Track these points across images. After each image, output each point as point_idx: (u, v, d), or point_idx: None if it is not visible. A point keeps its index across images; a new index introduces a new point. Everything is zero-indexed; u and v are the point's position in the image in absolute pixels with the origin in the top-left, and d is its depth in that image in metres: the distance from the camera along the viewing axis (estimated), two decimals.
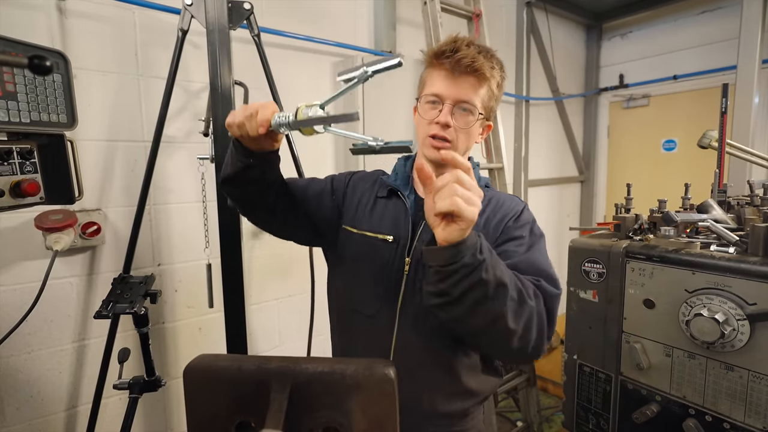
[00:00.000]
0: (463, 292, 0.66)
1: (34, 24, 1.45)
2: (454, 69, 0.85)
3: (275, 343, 2.17)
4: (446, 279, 0.66)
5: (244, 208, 0.97)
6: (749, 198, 1.37)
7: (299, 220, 0.99)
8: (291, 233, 1.04)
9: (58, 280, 1.56)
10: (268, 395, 0.61)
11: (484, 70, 0.85)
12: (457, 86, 0.86)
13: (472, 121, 0.88)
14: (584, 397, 1.26)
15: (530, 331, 0.73)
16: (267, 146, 0.81)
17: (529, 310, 0.73)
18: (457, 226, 0.64)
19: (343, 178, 1.07)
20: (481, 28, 2.42)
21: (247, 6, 1.49)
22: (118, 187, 1.66)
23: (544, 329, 0.76)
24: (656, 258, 1.07)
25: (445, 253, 0.65)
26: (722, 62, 3.10)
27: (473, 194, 0.63)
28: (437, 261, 0.66)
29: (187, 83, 1.78)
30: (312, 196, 1.01)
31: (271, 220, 0.98)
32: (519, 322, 0.71)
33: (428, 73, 0.92)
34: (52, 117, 0.91)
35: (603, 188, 4.04)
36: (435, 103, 0.88)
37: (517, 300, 0.71)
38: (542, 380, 3.02)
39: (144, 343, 1.30)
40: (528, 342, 0.74)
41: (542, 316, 0.76)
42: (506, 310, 0.69)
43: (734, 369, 0.96)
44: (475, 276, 0.65)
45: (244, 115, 0.75)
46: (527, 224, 0.90)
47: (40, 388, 1.57)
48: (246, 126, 0.75)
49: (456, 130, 0.87)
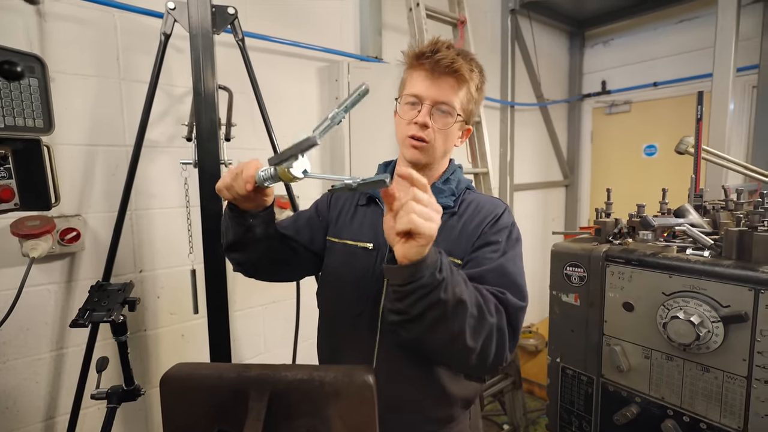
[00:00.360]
0: (422, 312, 0.66)
1: (12, 27, 1.42)
2: (434, 70, 0.86)
3: (260, 350, 2.15)
4: (404, 298, 0.66)
5: (252, 270, 0.99)
6: (724, 203, 1.41)
7: (301, 256, 1.01)
8: (301, 272, 1.07)
9: (36, 288, 1.52)
10: (247, 404, 0.60)
11: (463, 71, 0.85)
12: (436, 87, 0.86)
13: (451, 123, 0.88)
14: (567, 400, 1.27)
15: (489, 348, 0.73)
16: (260, 202, 0.82)
17: (488, 327, 0.72)
18: (416, 243, 0.63)
19: (325, 198, 1.10)
20: (466, 35, 2.45)
21: (231, 11, 1.49)
22: (98, 192, 1.63)
23: (504, 344, 0.75)
24: (635, 262, 1.09)
25: (404, 272, 0.65)
26: (700, 70, 3.19)
27: (431, 210, 0.63)
28: (395, 280, 0.66)
29: (170, 87, 1.76)
30: (302, 227, 1.04)
31: (279, 271, 1.01)
32: (478, 340, 0.71)
33: (408, 74, 0.92)
34: (27, 122, 0.90)
35: (587, 192, 4.11)
36: (414, 104, 0.89)
37: (477, 317, 0.70)
38: (528, 383, 3.04)
39: (122, 351, 1.28)
40: (486, 358, 0.74)
41: (503, 331, 0.75)
42: (465, 328, 0.68)
43: (710, 370, 0.98)
44: (434, 296, 0.65)
45: (231, 177, 0.77)
46: (505, 228, 0.89)
47: (15, 399, 1.52)
48: (234, 186, 0.77)
49: (434, 131, 0.88)
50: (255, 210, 0.84)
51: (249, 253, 0.92)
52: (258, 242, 0.89)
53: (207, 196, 1.43)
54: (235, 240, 0.88)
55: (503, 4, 3.23)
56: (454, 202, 0.93)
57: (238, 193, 0.77)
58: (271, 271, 1.00)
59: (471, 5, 2.62)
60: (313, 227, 1.05)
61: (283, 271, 1.03)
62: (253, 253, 0.92)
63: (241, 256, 0.93)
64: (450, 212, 0.92)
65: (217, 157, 1.44)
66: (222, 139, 1.57)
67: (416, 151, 0.90)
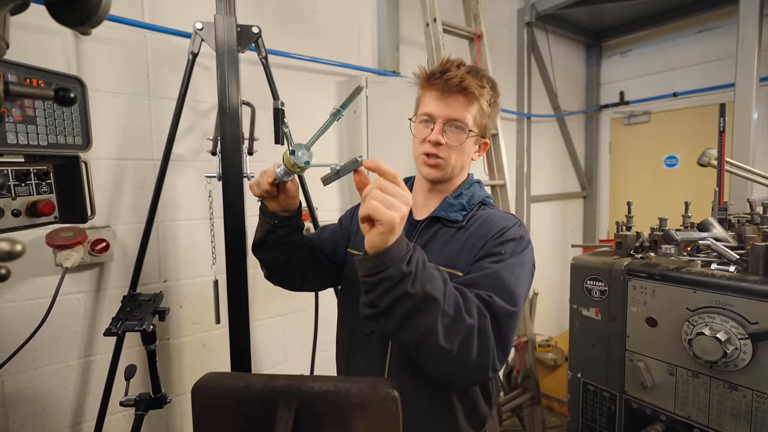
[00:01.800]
0: (390, 305, 0.66)
1: (51, 49, 1.50)
2: (444, 89, 0.89)
3: (279, 359, 2.17)
4: (372, 290, 0.67)
5: (279, 277, 1.05)
6: (750, 216, 1.38)
7: (325, 266, 1.07)
8: (325, 282, 1.12)
9: (66, 296, 1.58)
10: (275, 413, 0.62)
11: (472, 88, 0.88)
12: (447, 105, 0.89)
13: (463, 139, 0.91)
14: (589, 416, 1.25)
15: (469, 351, 0.70)
16: (285, 204, 0.91)
17: (466, 329, 0.70)
18: (377, 230, 0.64)
19: (349, 213, 1.16)
20: (483, 49, 2.47)
21: (255, 30, 1.55)
22: (127, 204, 1.70)
23: (488, 349, 0.72)
24: (657, 276, 1.08)
25: (368, 262, 0.66)
26: (721, 80, 3.14)
27: (397, 200, 0.64)
28: (362, 270, 0.67)
29: (196, 103, 1.83)
30: (326, 239, 1.09)
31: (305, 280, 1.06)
32: (453, 341, 0.68)
33: (421, 94, 0.96)
34: (68, 139, 0.95)
35: (606, 204, 4.05)
36: (427, 123, 0.92)
37: (452, 316, 0.69)
38: (547, 398, 2.98)
39: (151, 360, 1.31)
40: (467, 362, 0.71)
41: (486, 334, 0.72)
42: (437, 326, 0.67)
43: (738, 388, 0.96)
44: (400, 289, 0.65)
45: (260, 175, 0.88)
46: (511, 241, 0.86)
47: (45, 404, 1.57)
48: (261, 182, 0.87)
49: (448, 147, 0.90)
50: (281, 213, 0.93)
51: (273, 255, 0.98)
52: (282, 245, 0.96)
53: (230, 208, 1.47)
54: (261, 238, 0.96)
55: (519, 17, 3.25)
56: (464, 216, 0.94)
57: (263, 188, 0.87)
58: (297, 279, 1.05)
59: (487, 19, 2.65)
60: (336, 239, 1.09)
61: (309, 280, 1.07)
62: (277, 256, 0.98)
63: (265, 256, 1.00)
64: (458, 226, 0.93)
65: (240, 170, 1.49)
66: (245, 153, 1.62)
67: (432, 168, 0.93)
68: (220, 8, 1.47)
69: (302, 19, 2.14)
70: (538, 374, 2.71)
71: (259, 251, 1.00)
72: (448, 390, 0.90)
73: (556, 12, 3.14)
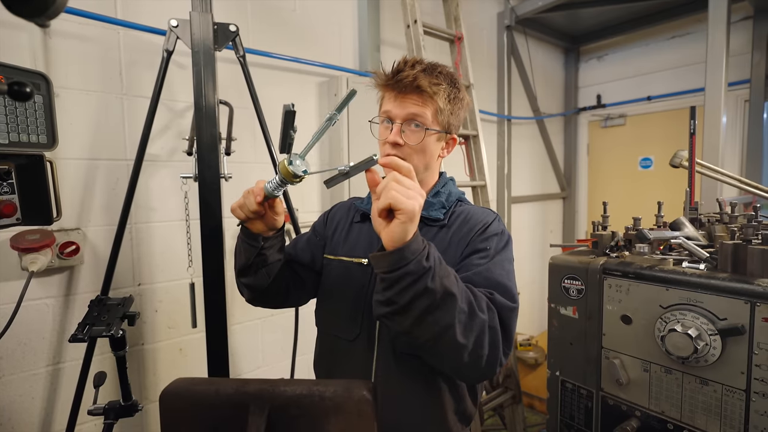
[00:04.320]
0: (410, 301, 0.65)
1: (17, 44, 1.44)
2: (399, 89, 0.89)
3: (258, 363, 2.13)
4: (392, 286, 0.66)
5: (262, 298, 1.00)
6: (719, 215, 1.42)
7: (305, 279, 1.03)
8: (308, 295, 1.07)
9: (34, 302, 1.52)
10: (247, 419, 0.60)
11: (425, 87, 0.87)
12: (403, 105, 0.89)
13: (422, 137, 0.90)
14: (567, 414, 1.27)
15: (482, 346, 0.71)
16: (271, 222, 0.87)
17: (480, 324, 0.71)
18: (398, 221, 0.64)
19: (322, 218, 1.12)
20: (463, 51, 2.49)
21: (232, 28, 1.52)
22: (98, 206, 1.64)
23: (498, 344, 0.74)
24: (632, 275, 1.10)
25: (389, 258, 0.65)
26: (693, 84, 3.25)
27: (414, 192, 0.66)
28: (382, 267, 0.66)
29: (172, 102, 1.78)
30: (302, 250, 1.06)
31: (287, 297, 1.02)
32: (469, 337, 0.69)
33: (380, 96, 0.97)
34: (31, 138, 0.91)
35: (584, 204, 4.14)
36: (387, 123, 0.92)
37: (467, 312, 0.69)
38: (528, 397, 3.02)
39: (121, 366, 1.27)
40: (480, 357, 0.72)
41: (495, 330, 0.74)
42: (455, 322, 0.67)
43: (709, 383, 0.98)
44: (421, 284, 0.65)
45: (243, 196, 0.83)
46: (494, 236, 0.88)
47: (10, 415, 1.50)
48: (246, 203, 0.82)
49: (409, 147, 0.89)
50: (266, 233, 0.89)
51: (260, 278, 0.93)
52: (269, 267, 0.92)
53: (207, 209, 1.44)
54: (246, 263, 0.91)
55: (499, 20, 3.29)
56: (444, 214, 0.94)
57: (249, 209, 0.82)
58: (279, 297, 1.01)
59: (468, 22, 2.67)
60: (312, 247, 1.06)
61: (291, 297, 1.03)
62: (263, 279, 0.93)
63: (251, 281, 0.94)
64: (440, 225, 0.93)
65: (217, 170, 1.46)
66: (222, 153, 1.59)
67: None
68: (195, 5, 1.44)
69: (282, 18, 2.12)
70: (518, 373, 2.74)
71: (243, 276, 0.95)
72: (437, 391, 0.89)
73: (535, 16, 3.19)
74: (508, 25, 3.24)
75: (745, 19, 2.93)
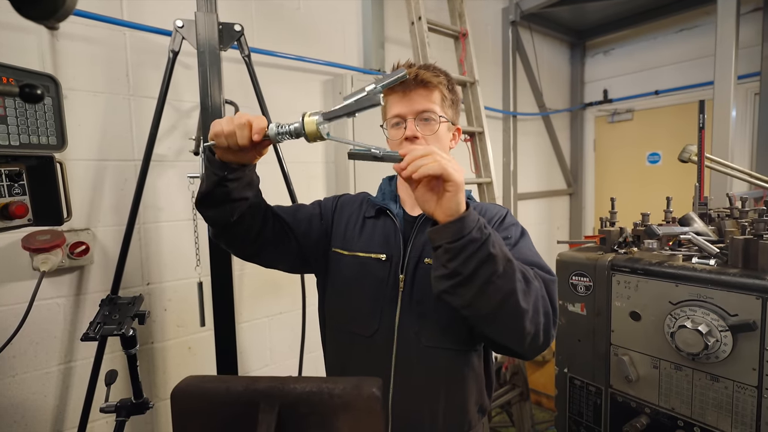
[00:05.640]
0: (475, 269, 0.67)
1: (25, 46, 1.46)
2: (404, 88, 0.91)
3: (266, 361, 2.15)
4: (456, 257, 0.67)
5: (225, 237, 0.91)
6: (729, 210, 1.41)
7: (288, 244, 0.97)
8: (282, 259, 1.01)
9: (45, 301, 1.54)
10: (257, 416, 0.61)
11: (428, 79, 0.91)
12: (411, 101, 0.92)
13: (436, 127, 0.93)
14: (576, 411, 1.26)
15: (539, 313, 0.73)
16: (246, 159, 0.80)
17: (535, 290, 0.73)
18: (450, 193, 0.66)
19: (330, 203, 1.08)
20: (468, 47, 2.48)
21: (237, 28, 1.52)
22: (107, 206, 1.66)
23: (550, 313, 0.76)
24: (640, 271, 1.09)
25: (451, 227, 0.67)
26: (702, 78, 3.20)
27: (457, 164, 0.68)
28: (445, 238, 0.68)
29: (178, 102, 1.80)
30: (302, 220, 1.01)
31: (262, 250, 0.95)
32: (529, 301, 0.71)
33: (385, 101, 0.97)
34: (41, 139, 0.92)
35: (591, 200, 4.11)
36: (398, 124, 0.93)
37: (523, 280, 0.71)
38: (536, 394, 3.01)
39: (132, 364, 1.28)
40: (538, 325, 0.73)
41: (545, 298, 0.76)
42: (516, 287, 0.69)
43: (719, 380, 0.97)
44: (484, 251, 0.66)
45: (236, 125, 0.73)
46: (511, 225, 0.93)
47: (24, 413, 1.53)
48: (237, 135, 0.73)
49: (425, 139, 0.91)
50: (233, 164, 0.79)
51: (220, 212, 0.84)
52: (232, 202, 0.83)
53: None
54: (207, 191, 0.82)
55: (504, 16, 3.27)
56: None
57: (237, 142, 0.74)
58: (251, 246, 0.94)
59: (472, 18, 2.66)
60: (311, 225, 1.01)
61: (267, 253, 0.96)
62: (224, 214, 0.84)
63: (210, 213, 0.85)
64: None
65: None
66: None
67: None
68: (200, 5, 1.45)
69: (286, 17, 2.12)
70: (526, 370, 2.73)
71: (203, 207, 0.85)
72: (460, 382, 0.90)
73: (539, 11, 3.16)
74: (513, 21, 3.22)
75: (754, 11, 2.88)
